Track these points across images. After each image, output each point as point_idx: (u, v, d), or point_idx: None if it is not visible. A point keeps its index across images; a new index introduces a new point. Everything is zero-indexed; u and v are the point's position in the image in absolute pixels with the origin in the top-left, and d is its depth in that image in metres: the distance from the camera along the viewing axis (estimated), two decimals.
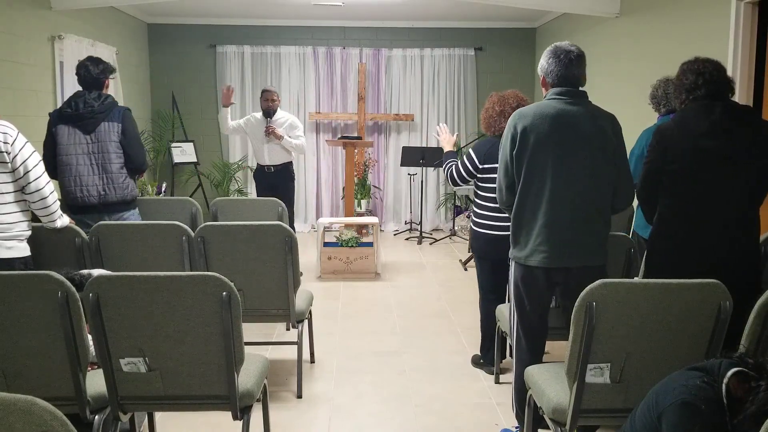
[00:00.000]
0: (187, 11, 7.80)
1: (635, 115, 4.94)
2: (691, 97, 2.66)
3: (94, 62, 3.84)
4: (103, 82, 3.85)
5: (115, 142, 3.75)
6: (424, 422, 3.25)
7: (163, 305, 2.25)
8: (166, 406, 2.48)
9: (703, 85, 2.62)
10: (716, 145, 2.57)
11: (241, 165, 8.41)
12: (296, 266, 3.41)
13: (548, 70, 2.72)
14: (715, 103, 2.61)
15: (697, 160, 2.59)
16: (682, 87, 2.70)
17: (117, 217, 3.77)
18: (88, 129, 3.72)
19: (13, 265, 3.04)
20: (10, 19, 4.93)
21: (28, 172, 3.02)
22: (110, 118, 3.75)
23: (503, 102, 3.66)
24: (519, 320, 2.87)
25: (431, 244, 7.76)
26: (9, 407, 1.29)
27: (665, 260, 2.70)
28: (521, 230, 2.76)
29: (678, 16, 4.70)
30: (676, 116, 2.71)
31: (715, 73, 2.64)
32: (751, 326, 2.13)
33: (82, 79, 3.82)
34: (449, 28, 8.43)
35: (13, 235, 3.05)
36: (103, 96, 3.79)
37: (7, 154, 2.97)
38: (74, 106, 3.73)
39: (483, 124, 3.77)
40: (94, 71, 3.80)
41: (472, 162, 3.66)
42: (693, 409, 1.77)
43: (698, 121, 2.60)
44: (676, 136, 2.63)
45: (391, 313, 5.04)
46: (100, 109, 3.73)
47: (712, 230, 2.61)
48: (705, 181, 2.60)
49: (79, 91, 3.82)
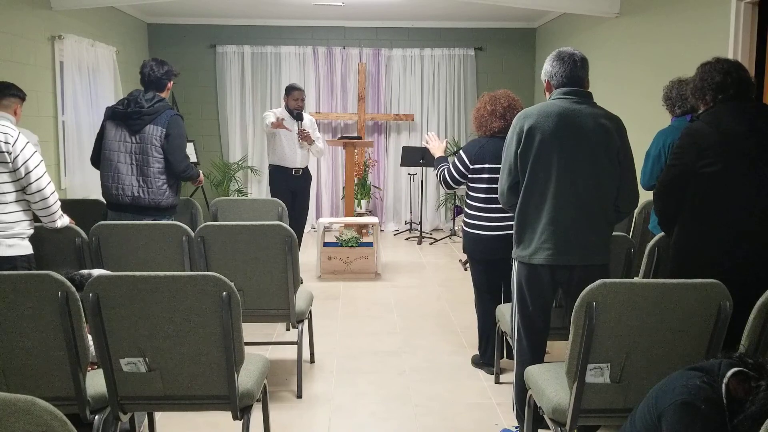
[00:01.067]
0: (187, 11, 7.80)
1: (635, 115, 4.95)
2: (720, 97, 2.60)
3: (159, 63, 3.87)
4: (164, 84, 3.88)
5: (156, 146, 3.75)
6: (423, 422, 3.25)
7: (163, 305, 2.25)
8: (166, 406, 2.48)
9: (732, 85, 2.58)
10: (752, 147, 2.52)
11: (241, 165, 8.41)
12: (296, 266, 3.41)
13: (552, 73, 2.74)
14: (745, 103, 2.57)
15: (736, 162, 2.53)
16: (708, 87, 2.63)
17: (151, 220, 3.73)
18: (134, 129, 3.75)
19: (15, 263, 3.07)
20: (10, 19, 4.93)
21: (29, 173, 3.03)
22: (157, 121, 3.76)
23: (495, 102, 3.67)
24: (521, 320, 2.87)
25: (431, 244, 7.76)
26: (9, 407, 1.29)
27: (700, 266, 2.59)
28: (525, 229, 2.76)
29: (678, 16, 4.70)
30: (707, 117, 2.63)
31: (741, 72, 2.61)
32: (751, 326, 2.14)
33: (145, 78, 3.85)
34: (449, 28, 8.43)
35: (15, 233, 3.07)
36: (156, 98, 3.80)
37: (8, 155, 2.98)
38: (126, 104, 3.77)
39: (474, 123, 3.76)
40: (157, 72, 3.82)
41: (463, 162, 3.66)
42: (693, 409, 1.77)
43: (735, 122, 2.54)
44: (713, 138, 2.55)
45: (391, 313, 5.04)
46: (149, 111, 3.74)
47: (754, 235, 2.54)
48: (741, 183, 2.54)
49: (135, 90, 3.85)
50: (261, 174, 8.51)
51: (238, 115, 8.44)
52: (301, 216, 5.83)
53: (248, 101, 8.41)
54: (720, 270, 2.46)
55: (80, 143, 5.80)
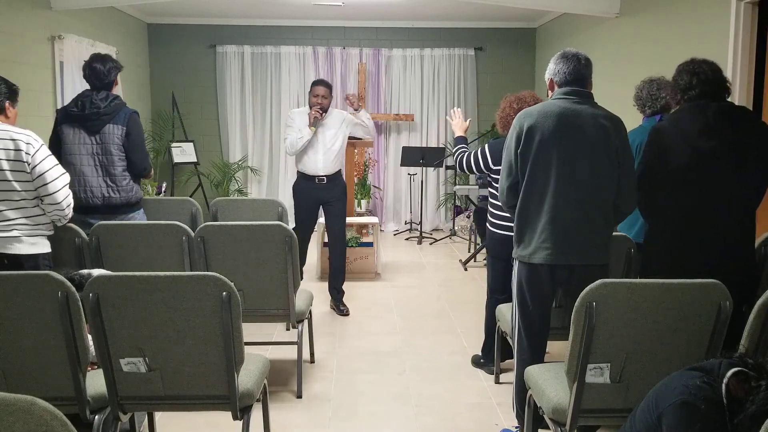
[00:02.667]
0: (187, 11, 7.80)
1: (635, 115, 4.94)
2: (685, 97, 2.67)
3: (101, 61, 3.77)
4: (111, 82, 3.80)
5: (118, 144, 3.72)
6: (424, 422, 3.25)
7: (163, 305, 2.25)
8: (166, 406, 2.49)
9: (698, 85, 2.63)
10: (710, 146, 2.58)
11: (241, 165, 8.41)
12: (296, 266, 3.40)
13: (556, 71, 2.76)
14: (709, 103, 2.61)
15: (693, 160, 2.60)
16: (677, 87, 2.71)
17: (121, 218, 3.75)
18: (93, 130, 3.69)
19: (37, 261, 3.14)
20: (10, 19, 4.93)
21: (47, 185, 3.08)
22: (116, 120, 3.70)
23: (521, 102, 3.65)
24: (521, 320, 2.87)
25: (431, 244, 7.76)
26: (9, 407, 1.29)
27: (662, 263, 2.70)
28: (525, 228, 2.77)
29: (678, 16, 4.70)
30: (670, 116, 2.73)
31: (710, 73, 2.65)
32: (751, 326, 2.14)
33: (89, 79, 3.76)
34: (449, 28, 8.43)
35: (38, 232, 3.16)
36: (110, 97, 3.73)
37: (28, 164, 3.05)
38: (80, 105, 3.70)
39: (499, 124, 3.76)
40: (101, 70, 3.74)
41: (485, 160, 3.67)
42: (693, 409, 1.77)
43: (693, 121, 2.61)
44: (672, 137, 2.64)
45: (391, 313, 5.04)
46: (106, 110, 3.68)
47: (708, 232, 2.61)
48: (701, 182, 2.60)
49: (86, 90, 3.77)
50: (261, 174, 8.52)
51: (238, 115, 8.44)
52: (337, 242, 5.00)
53: (248, 101, 8.41)
54: (685, 268, 2.53)
55: None
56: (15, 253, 3.07)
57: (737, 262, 2.61)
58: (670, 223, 2.69)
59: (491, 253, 3.78)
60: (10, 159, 3.02)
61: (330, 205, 4.93)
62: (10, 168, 3.02)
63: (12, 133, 3.04)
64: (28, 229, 3.11)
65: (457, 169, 3.85)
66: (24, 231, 3.09)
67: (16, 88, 3.25)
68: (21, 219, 3.08)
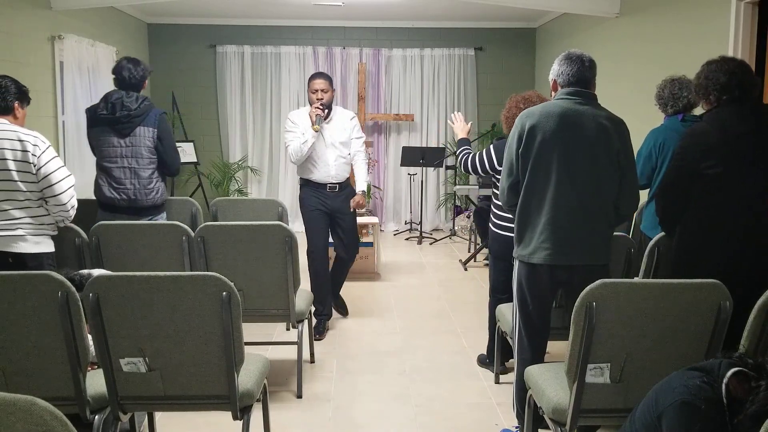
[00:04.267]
0: (187, 11, 7.80)
1: (635, 115, 4.94)
2: (724, 97, 2.60)
3: (134, 63, 3.82)
4: (141, 84, 3.83)
5: (148, 147, 3.74)
6: (423, 422, 3.25)
7: (163, 305, 2.25)
8: (166, 406, 2.49)
9: (737, 87, 2.58)
10: (754, 148, 2.53)
11: (241, 165, 8.41)
12: (296, 266, 3.41)
13: (560, 71, 2.75)
14: (748, 104, 2.58)
15: (738, 163, 2.53)
16: (711, 87, 2.63)
17: (148, 219, 3.76)
18: (123, 133, 3.71)
19: (41, 260, 3.14)
20: (10, 19, 4.93)
21: (52, 186, 3.10)
22: (146, 122, 3.72)
23: (527, 102, 3.63)
24: (521, 319, 2.87)
25: (431, 244, 7.76)
26: (9, 407, 1.29)
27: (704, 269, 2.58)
28: (526, 228, 2.77)
29: (678, 16, 4.70)
30: (710, 118, 2.63)
31: (746, 75, 2.61)
32: (751, 326, 2.14)
33: (121, 81, 3.78)
34: (449, 28, 8.43)
35: (42, 232, 3.17)
36: (140, 98, 3.76)
37: (34, 166, 3.06)
38: (111, 108, 3.70)
39: (505, 124, 3.74)
40: (134, 73, 3.77)
41: (490, 161, 3.65)
42: (693, 409, 1.77)
43: (738, 124, 2.55)
44: (716, 139, 2.55)
45: (391, 313, 5.04)
46: (137, 112, 3.70)
47: (745, 235, 2.55)
48: (744, 185, 2.54)
49: (114, 91, 3.78)
50: (261, 174, 8.52)
51: (238, 115, 8.44)
52: (348, 255, 4.64)
53: (248, 101, 8.41)
54: (721, 270, 2.46)
55: (80, 143, 5.79)
56: (19, 251, 3.09)
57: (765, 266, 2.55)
58: (713, 228, 2.60)
59: (494, 254, 3.78)
60: (17, 159, 3.04)
61: (340, 218, 4.49)
62: (17, 168, 3.04)
63: (20, 134, 3.06)
64: (33, 228, 3.13)
65: (458, 169, 3.84)
66: (28, 230, 3.11)
67: (26, 89, 3.25)
68: (26, 218, 3.10)
